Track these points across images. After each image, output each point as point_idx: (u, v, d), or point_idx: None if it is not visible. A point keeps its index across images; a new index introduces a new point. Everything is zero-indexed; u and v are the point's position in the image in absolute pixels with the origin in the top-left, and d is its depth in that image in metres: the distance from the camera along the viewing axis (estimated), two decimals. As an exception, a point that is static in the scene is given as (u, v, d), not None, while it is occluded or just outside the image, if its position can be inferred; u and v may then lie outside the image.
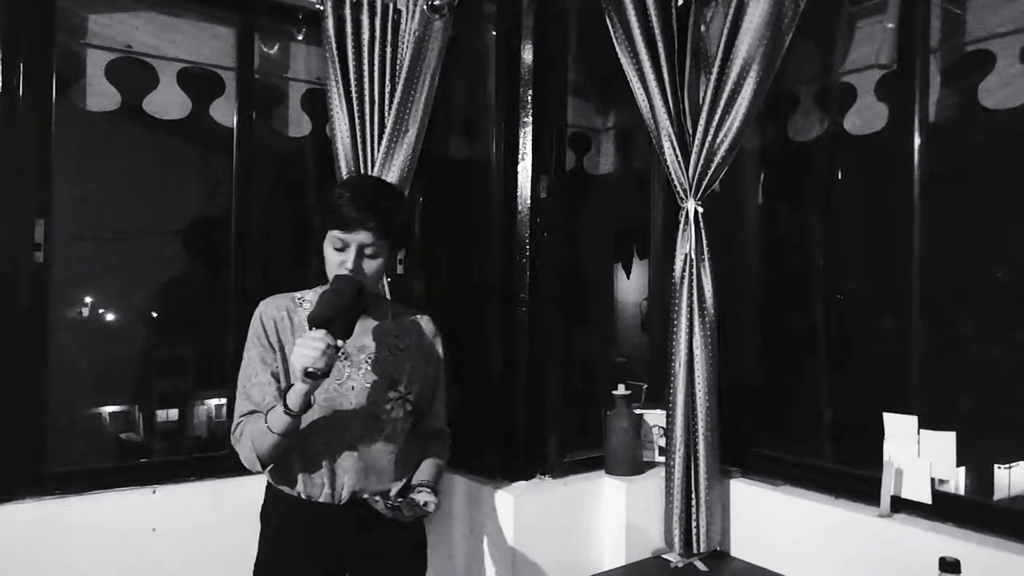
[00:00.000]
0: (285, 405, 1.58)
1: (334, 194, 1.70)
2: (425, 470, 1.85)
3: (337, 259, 1.66)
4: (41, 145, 2.04)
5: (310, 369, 1.51)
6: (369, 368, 1.76)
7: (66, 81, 2.18)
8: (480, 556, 2.22)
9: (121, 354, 2.68)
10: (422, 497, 1.70)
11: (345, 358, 1.75)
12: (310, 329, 1.56)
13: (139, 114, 2.32)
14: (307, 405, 1.59)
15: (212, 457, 2.32)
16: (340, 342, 1.56)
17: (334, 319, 1.55)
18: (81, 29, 2.21)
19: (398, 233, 1.71)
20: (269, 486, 1.83)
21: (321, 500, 1.74)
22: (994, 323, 2.21)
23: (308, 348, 1.52)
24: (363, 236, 1.64)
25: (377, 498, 1.67)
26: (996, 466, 2.10)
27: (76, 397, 2.52)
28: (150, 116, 2.33)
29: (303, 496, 1.74)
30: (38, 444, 2.05)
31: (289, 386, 1.62)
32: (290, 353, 1.66)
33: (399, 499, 1.69)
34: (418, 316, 1.94)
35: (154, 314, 2.72)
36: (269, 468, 1.78)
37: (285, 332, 1.75)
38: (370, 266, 1.67)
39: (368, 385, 1.75)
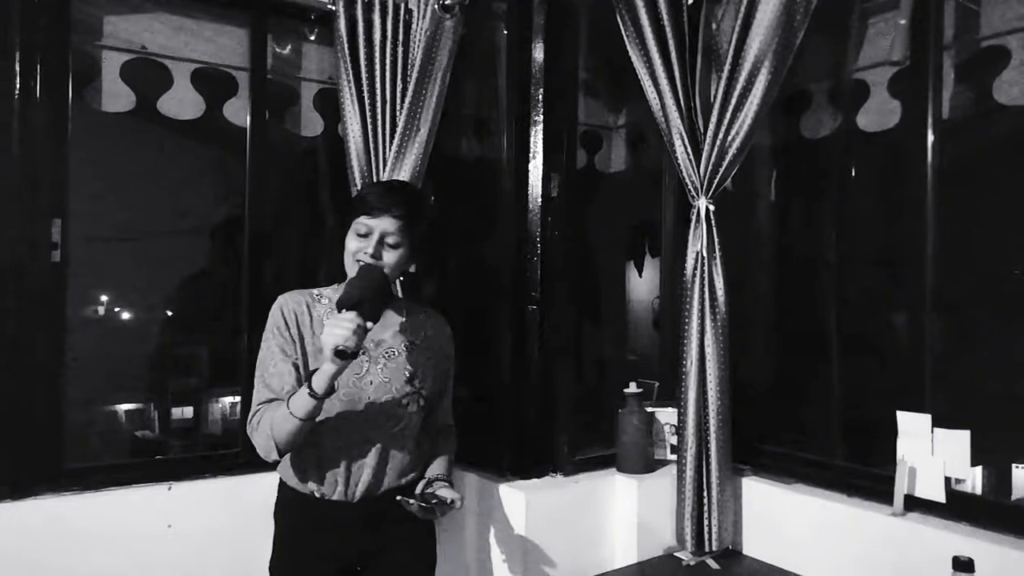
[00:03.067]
0: (311, 387, 1.57)
1: (363, 188, 1.81)
2: (438, 465, 1.89)
3: (357, 245, 1.70)
4: (57, 145, 2.07)
5: (340, 347, 1.51)
6: (387, 363, 1.80)
7: (82, 82, 2.20)
8: (492, 553, 2.23)
9: (137, 352, 2.72)
10: (448, 494, 1.72)
11: (364, 353, 1.76)
12: (339, 312, 1.57)
13: (154, 114, 2.34)
14: (332, 389, 1.59)
15: (227, 454, 2.34)
16: (369, 324, 1.58)
17: (362, 302, 1.57)
18: (96, 30, 2.24)
19: (420, 226, 1.74)
20: (282, 485, 1.85)
21: (335, 498, 1.76)
22: (1009, 321, 2.19)
23: (339, 327, 1.52)
24: (387, 223, 1.68)
25: (412, 501, 1.67)
26: (1014, 466, 2.09)
27: (92, 395, 2.55)
28: (164, 116, 2.35)
29: (316, 495, 1.76)
30: (55, 441, 2.07)
31: (311, 373, 1.61)
32: (310, 344, 1.74)
33: (433, 500, 1.69)
34: (431, 312, 1.98)
35: (169, 312, 2.75)
36: (282, 467, 1.82)
37: (304, 325, 1.78)
38: (390, 256, 1.71)
39: (387, 379, 1.78)
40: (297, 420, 1.60)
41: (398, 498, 1.70)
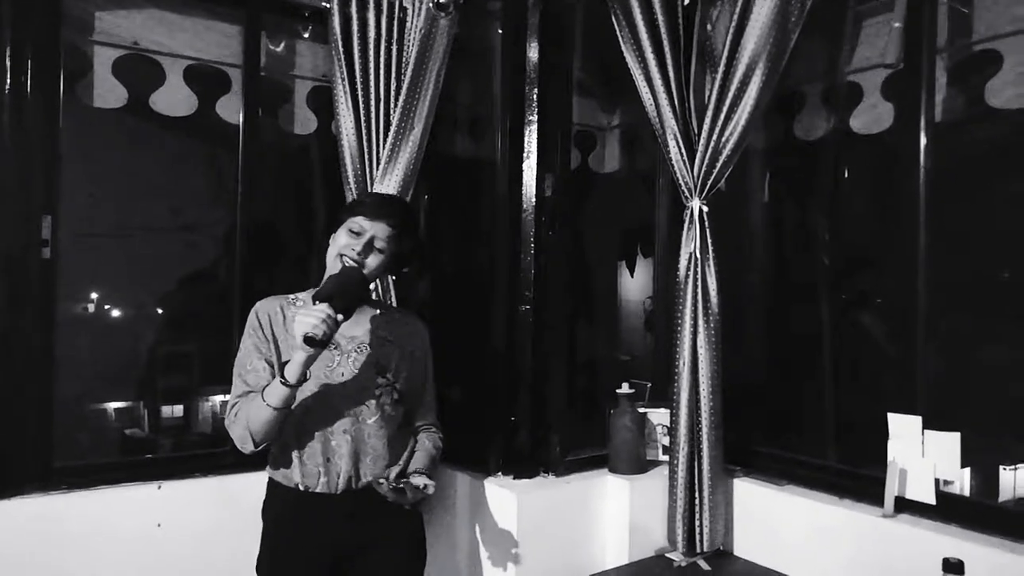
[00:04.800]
0: (283, 376, 1.65)
1: (363, 194, 1.94)
2: (419, 458, 1.93)
3: (347, 241, 1.78)
4: (48, 141, 2.05)
5: (309, 334, 1.59)
6: (358, 356, 1.86)
7: (73, 78, 2.18)
8: (483, 553, 2.23)
9: (126, 350, 2.70)
10: (420, 480, 1.77)
11: (335, 348, 1.83)
12: (314, 304, 1.66)
13: (146, 111, 2.32)
14: (303, 377, 1.67)
15: (217, 453, 2.33)
16: (340, 317, 1.65)
17: (335, 295, 1.66)
18: (88, 26, 2.22)
19: (407, 240, 1.85)
20: (270, 481, 1.89)
21: (318, 490, 1.80)
22: (999, 323, 2.20)
23: (309, 316, 1.61)
24: (380, 228, 1.79)
25: (381, 481, 1.73)
26: (1001, 467, 2.10)
27: (82, 392, 2.54)
28: (156, 113, 2.33)
29: (301, 487, 1.81)
30: (44, 439, 2.05)
31: (283, 363, 1.69)
32: (283, 343, 1.82)
33: (402, 481, 1.75)
34: (406, 313, 2.06)
35: (159, 310, 2.74)
36: (269, 462, 1.88)
37: (278, 324, 1.85)
38: (373, 259, 1.80)
39: (357, 371, 1.84)
40: (271, 409, 1.67)
41: (369, 479, 1.80)
